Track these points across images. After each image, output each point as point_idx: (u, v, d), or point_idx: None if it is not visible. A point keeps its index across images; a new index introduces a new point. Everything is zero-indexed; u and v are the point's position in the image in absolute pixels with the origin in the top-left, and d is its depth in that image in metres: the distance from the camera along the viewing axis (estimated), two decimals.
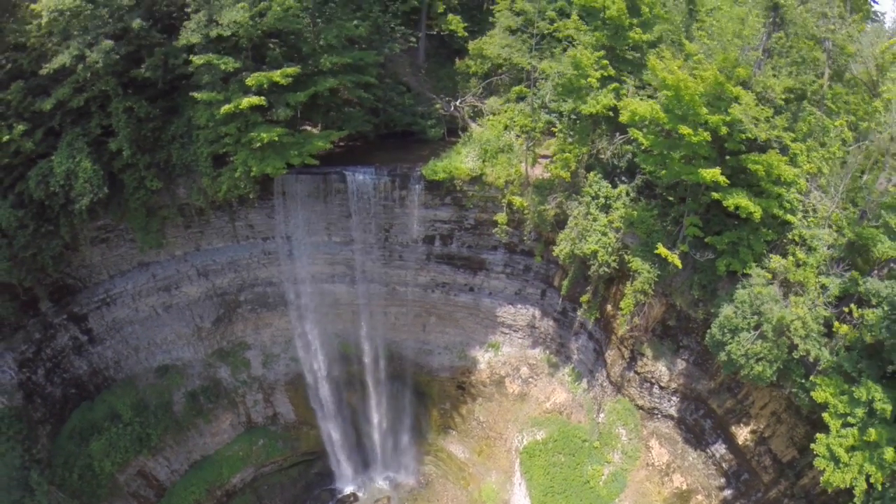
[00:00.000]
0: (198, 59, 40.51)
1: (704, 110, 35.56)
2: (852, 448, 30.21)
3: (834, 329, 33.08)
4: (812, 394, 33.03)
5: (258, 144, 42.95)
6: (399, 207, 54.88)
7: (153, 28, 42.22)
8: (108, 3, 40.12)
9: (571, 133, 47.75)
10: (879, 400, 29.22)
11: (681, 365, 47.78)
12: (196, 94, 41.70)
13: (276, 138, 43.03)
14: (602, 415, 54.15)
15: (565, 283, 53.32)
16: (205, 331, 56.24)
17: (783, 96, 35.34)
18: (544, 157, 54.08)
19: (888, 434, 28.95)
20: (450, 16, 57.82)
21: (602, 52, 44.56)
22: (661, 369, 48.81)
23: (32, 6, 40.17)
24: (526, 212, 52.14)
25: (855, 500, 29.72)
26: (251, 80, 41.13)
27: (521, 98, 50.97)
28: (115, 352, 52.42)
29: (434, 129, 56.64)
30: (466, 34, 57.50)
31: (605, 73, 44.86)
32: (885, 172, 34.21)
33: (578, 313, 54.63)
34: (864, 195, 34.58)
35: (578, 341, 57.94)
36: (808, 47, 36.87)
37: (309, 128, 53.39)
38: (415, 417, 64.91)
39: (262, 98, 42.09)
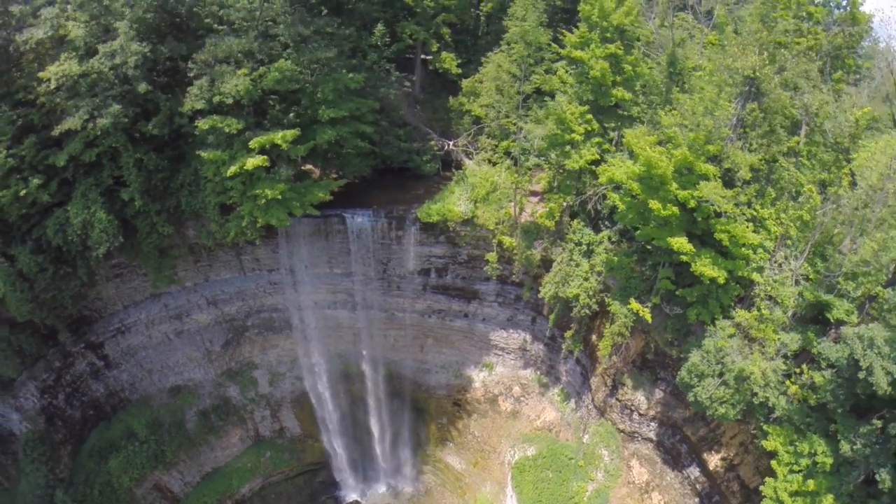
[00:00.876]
0: (203, 124, 43.88)
1: (675, 186, 39.34)
2: (796, 493, 34.74)
3: (786, 386, 37.32)
4: (763, 442, 37.49)
5: (263, 201, 46.76)
6: (396, 244, 58.74)
7: (157, 89, 45.53)
8: (115, 67, 43.28)
9: (556, 185, 51.60)
10: (822, 453, 33.58)
11: (658, 394, 52.18)
12: (202, 154, 45.16)
13: (280, 196, 46.78)
14: (587, 436, 58.75)
15: (552, 317, 57.54)
16: (214, 353, 60.57)
17: (749, 174, 38.99)
18: (534, 194, 57.99)
19: (828, 483, 33.30)
20: (443, 54, 60.85)
21: (586, 108, 48.19)
22: (639, 398, 53.26)
23: (40, 74, 43.08)
24: (515, 251, 56.12)
25: None
26: (254, 143, 44.65)
27: (508, 153, 54.56)
28: (130, 375, 56.70)
29: (429, 165, 60.20)
30: (460, 70, 60.81)
31: (590, 128, 48.56)
32: (849, 236, 37.50)
33: (565, 342, 58.93)
34: (831, 253, 38.16)
35: (567, 364, 62.29)
36: (781, 121, 40.32)
37: (310, 166, 57.04)
38: (414, 431, 69.51)
39: (265, 157, 45.71)
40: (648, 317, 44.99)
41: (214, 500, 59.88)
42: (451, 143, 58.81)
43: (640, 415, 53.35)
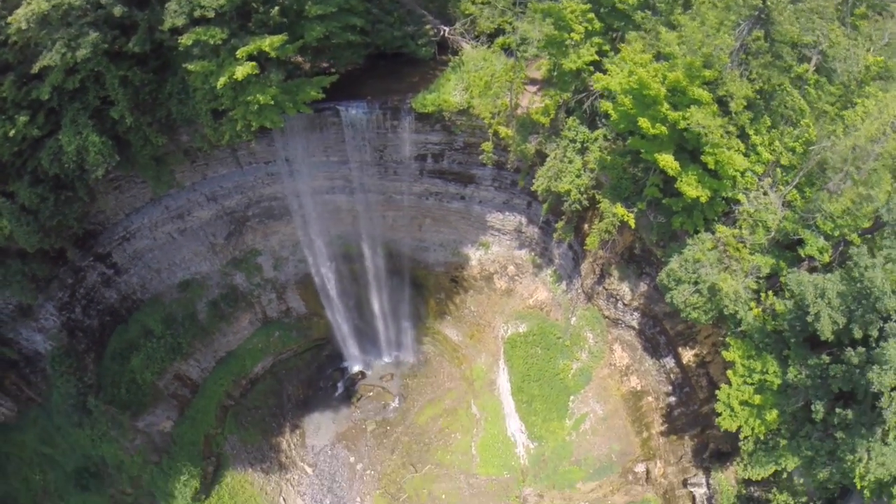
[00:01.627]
0: (186, 39, 43.96)
1: (666, 107, 40.50)
2: (745, 403, 40.29)
3: (750, 308, 41.42)
4: (724, 352, 42.53)
5: (255, 106, 48.10)
6: (392, 133, 60.34)
7: (133, 6, 44.89)
8: None
9: (554, 78, 51.99)
10: (772, 373, 38.56)
11: (643, 287, 56.89)
12: (189, 66, 45.88)
13: (272, 101, 48.01)
14: (574, 318, 64.55)
15: (545, 206, 60.55)
16: (218, 246, 65.01)
17: (743, 105, 39.78)
18: (533, 81, 58.27)
19: (773, 400, 38.63)
20: None
21: (588, 6, 47.38)
22: (624, 289, 58.08)
23: (9, 19, 41.53)
24: (510, 142, 57.82)
25: (741, 442, 40.64)
26: (241, 52, 45.06)
27: (505, 48, 54.07)
28: (139, 277, 61.73)
29: (424, 50, 59.80)
30: None
31: (591, 28, 48.08)
32: (840, 175, 39.16)
33: (556, 232, 62.55)
34: (813, 192, 40.26)
35: (560, 248, 66.49)
36: (788, 51, 40.11)
37: (299, 58, 57.01)
38: (413, 306, 75.83)
39: (254, 64, 46.32)
40: (632, 223, 48.22)
41: (230, 382, 67.82)
42: (447, 29, 57.99)
43: (625, 304, 58.54)
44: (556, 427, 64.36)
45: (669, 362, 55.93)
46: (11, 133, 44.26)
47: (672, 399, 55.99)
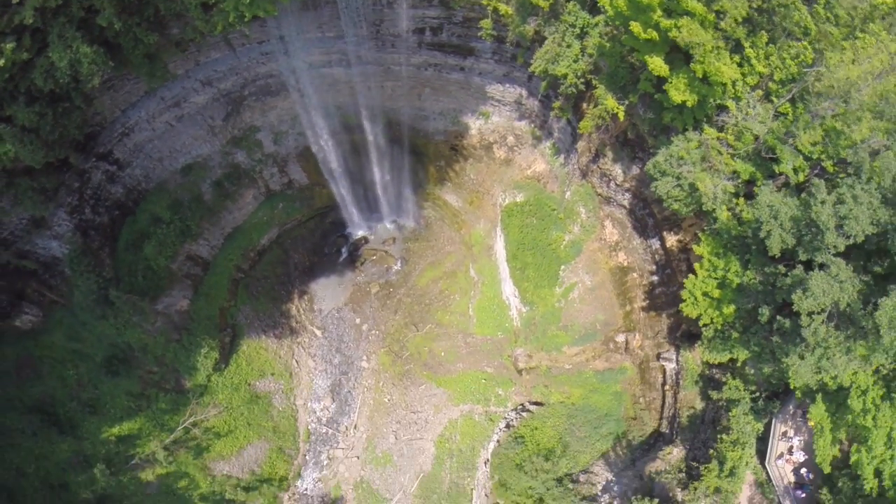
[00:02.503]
0: None
1: (659, 13, 42.68)
2: (706, 294, 46.86)
3: (724, 209, 46.43)
4: (694, 246, 48.35)
5: None
6: (388, 9, 61.78)
7: None
8: None
9: None
10: (733, 273, 44.64)
11: (635, 171, 61.49)
12: None
13: None
14: (569, 192, 69.79)
15: (543, 84, 63.29)
16: (217, 127, 68.79)
17: (737, 20, 41.65)
18: None
19: (731, 297, 45.07)
20: None
21: None
22: (617, 170, 62.70)
23: None
24: (509, 21, 59.41)
25: (703, 329, 47.95)
26: None
27: None
28: (142, 168, 66.19)
29: None
30: None
31: None
32: (831, 101, 42.01)
33: (553, 111, 65.80)
34: (799, 112, 43.43)
35: (559, 123, 69.98)
36: None
37: None
38: (414, 172, 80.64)
39: None
40: (622, 115, 51.91)
41: (239, 256, 74.72)
42: None
43: (617, 185, 63.54)
44: (547, 294, 72.05)
45: (655, 243, 61.98)
46: (1, 63, 46.36)
47: (655, 278, 62.82)
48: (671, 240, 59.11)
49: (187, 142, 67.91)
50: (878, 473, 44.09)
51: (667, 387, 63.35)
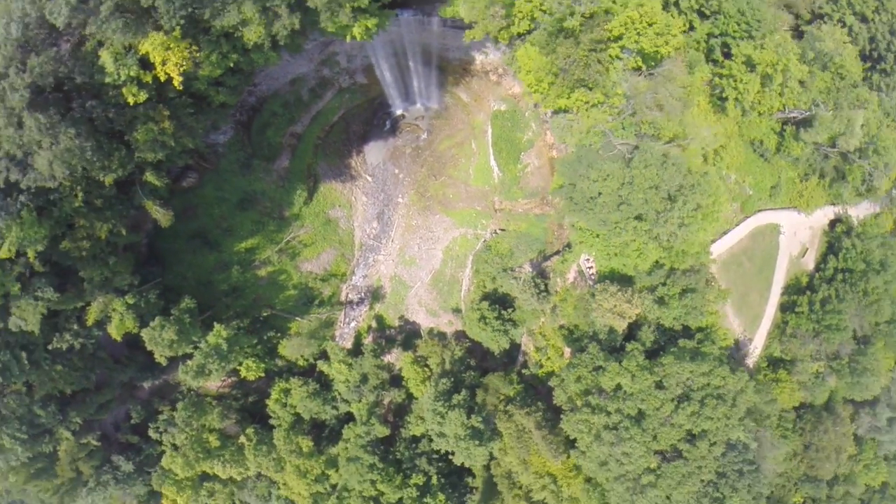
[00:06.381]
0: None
1: None
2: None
3: None
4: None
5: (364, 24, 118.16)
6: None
7: None
8: None
9: None
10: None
11: None
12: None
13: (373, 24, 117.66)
14: (528, 112, 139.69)
15: None
16: (314, 57, 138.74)
17: None
18: None
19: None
20: None
21: None
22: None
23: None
24: None
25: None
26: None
27: None
28: (266, 85, 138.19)
29: None
30: None
31: None
32: None
33: None
34: None
35: None
36: None
37: None
38: (438, 79, 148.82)
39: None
40: None
41: (319, 129, 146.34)
42: None
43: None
44: (512, 168, 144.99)
45: None
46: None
47: None
48: None
49: (294, 68, 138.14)
50: None
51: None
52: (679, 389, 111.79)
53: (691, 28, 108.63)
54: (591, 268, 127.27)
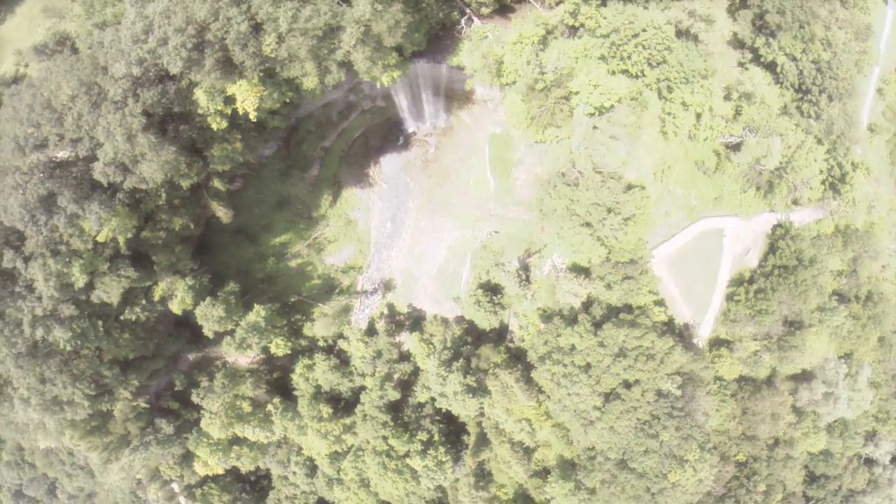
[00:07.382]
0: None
1: None
2: None
3: None
4: None
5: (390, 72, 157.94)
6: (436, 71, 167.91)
7: None
8: None
9: None
10: None
11: None
12: None
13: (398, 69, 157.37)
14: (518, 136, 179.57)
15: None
16: (343, 88, 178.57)
17: None
18: None
19: None
20: None
21: None
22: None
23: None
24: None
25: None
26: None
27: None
28: (304, 109, 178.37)
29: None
30: None
31: None
32: None
33: None
34: None
35: None
36: None
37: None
38: (445, 104, 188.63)
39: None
40: None
41: (344, 144, 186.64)
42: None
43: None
44: (505, 180, 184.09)
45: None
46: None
47: None
48: None
49: (328, 94, 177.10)
50: None
51: None
52: (616, 348, 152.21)
53: (643, 74, 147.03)
54: (562, 263, 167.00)
